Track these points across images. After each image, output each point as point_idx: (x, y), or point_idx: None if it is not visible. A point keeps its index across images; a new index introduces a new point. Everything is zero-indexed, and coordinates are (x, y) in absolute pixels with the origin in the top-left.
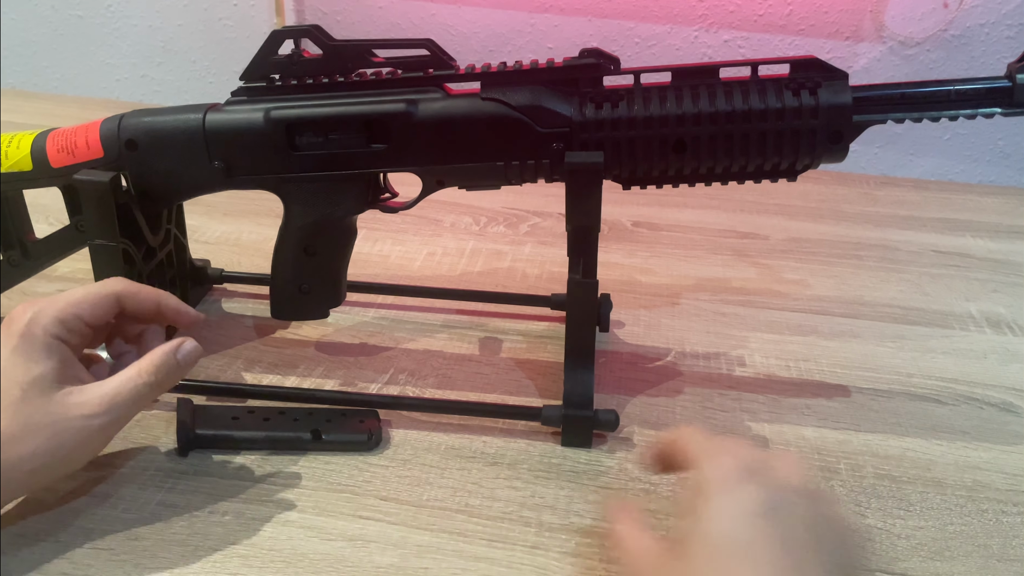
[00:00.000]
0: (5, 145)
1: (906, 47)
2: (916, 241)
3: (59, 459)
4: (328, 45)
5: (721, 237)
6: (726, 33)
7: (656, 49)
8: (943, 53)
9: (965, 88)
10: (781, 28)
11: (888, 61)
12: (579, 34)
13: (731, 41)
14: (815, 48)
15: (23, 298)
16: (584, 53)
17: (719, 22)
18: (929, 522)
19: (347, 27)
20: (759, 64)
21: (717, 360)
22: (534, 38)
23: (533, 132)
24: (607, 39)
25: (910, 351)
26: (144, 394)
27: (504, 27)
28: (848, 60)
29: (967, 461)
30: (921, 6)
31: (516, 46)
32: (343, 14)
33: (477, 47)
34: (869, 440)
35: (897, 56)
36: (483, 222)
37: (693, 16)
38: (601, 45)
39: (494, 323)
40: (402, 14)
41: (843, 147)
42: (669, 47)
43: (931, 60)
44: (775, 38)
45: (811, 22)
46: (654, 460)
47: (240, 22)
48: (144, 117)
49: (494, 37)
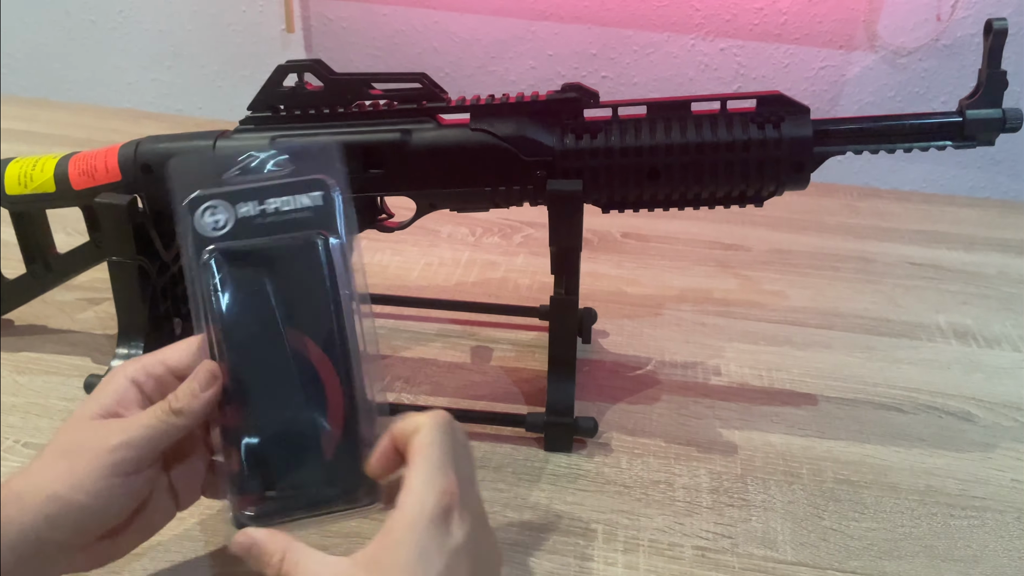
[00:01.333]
0: (30, 168)
1: (898, 56)
2: (893, 253)
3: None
4: (329, 78)
5: (707, 248)
6: (722, 42)
7: (654, 57)
8: (935, 62)
9: (919, 123)
10: (776, 37)
11: (881, 70)
12: (579, 41)
13: (727, 49)
14: (809, 56)
15: (45, 307)
16: (566, 88)
17: (715, 31)
18: (881, 524)
19: (352, 33)
20: (728, 99)
21: (694, 369)
22: (535, 45)
23: (518, 160)
24: (606, 46)
25: (878, 361)
26: (161, 426)
27: (505, 34)
28: (841, 68)
29: (922, 467)
30: (913, 16)
31: (517, 52)
32: (348, 21)
33: (479, 53)
34: (832, 446)
35: (889, 65)
36: (478, 233)
37: (690, 24)
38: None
39: (485, 332)
40: (405, 21)
41: (804, 176)
42: (667, 54)
43: (923, 69)
44: (770, 46)
45: (805, 31)
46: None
47: (248, 28)
48: (159, 143)
49: (496, 44)
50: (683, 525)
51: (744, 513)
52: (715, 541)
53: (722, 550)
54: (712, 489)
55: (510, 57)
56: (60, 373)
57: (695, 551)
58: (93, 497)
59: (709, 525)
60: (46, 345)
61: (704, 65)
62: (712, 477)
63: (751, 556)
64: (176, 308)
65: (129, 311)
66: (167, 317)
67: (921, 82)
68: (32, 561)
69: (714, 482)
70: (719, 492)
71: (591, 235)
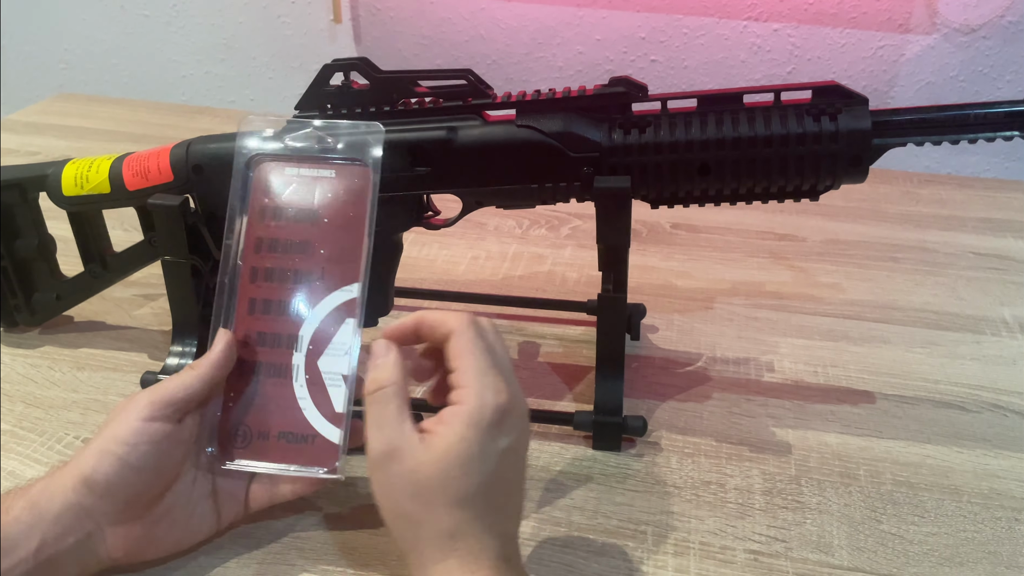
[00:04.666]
0: (85, 169)
1: (961, 34)
2: (955, 242)
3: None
4: (375, 77)
5: (759, 239)
6: (775, 23)
7: (704, 40)
8: (999, 41)
9: (985, 112)
10: (832, 17)
11: (942, 48)
12: (627, 25)
13: (780, 30)
14: (866, 36)
15: (103, 304)
16: (613, 81)
17: (768, 11)
18: (942, 528)
19: (399, 22)
20: (782, 90)
21: (747, 365)
22: (582, 30)
23: (565, 157)
24: (655, 30)
25: (939, 357)
26: (190, 383)
27: (552, 20)
28: (900, 48)
29: (985, 469)
30: None
31: (565, 38)
32: (395, 10)
33: (526, 40)
34: (890, 447)
35: (951, 43)
36: (525, 225)
37: (742, 6)
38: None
39: (533, 327)
40: (452, 8)
41: (863, 169)
42: (718, 37)
43: (987, 47)
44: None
45: (863, 10)
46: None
47: (298, 19)
48: (209, 144)
49: (543, 30)
50: (735, 528)
51: (798, 516)
52: (768, 545)
53: (775, 554)
54: (765, 491)
55: (557, 43)
56: (118, 369)
57: (748, 555)
58: (129, 446)
59: (762, 528)
60: (104, 341)
61: (757, 47)
62: (765, 478)
63: (805, 561)
64: None
65: (182, 309)
66: None
67: (985, 60)
68: (75, 530)
69: (767, 483)
70: (772, 494)
71: (640, 226)
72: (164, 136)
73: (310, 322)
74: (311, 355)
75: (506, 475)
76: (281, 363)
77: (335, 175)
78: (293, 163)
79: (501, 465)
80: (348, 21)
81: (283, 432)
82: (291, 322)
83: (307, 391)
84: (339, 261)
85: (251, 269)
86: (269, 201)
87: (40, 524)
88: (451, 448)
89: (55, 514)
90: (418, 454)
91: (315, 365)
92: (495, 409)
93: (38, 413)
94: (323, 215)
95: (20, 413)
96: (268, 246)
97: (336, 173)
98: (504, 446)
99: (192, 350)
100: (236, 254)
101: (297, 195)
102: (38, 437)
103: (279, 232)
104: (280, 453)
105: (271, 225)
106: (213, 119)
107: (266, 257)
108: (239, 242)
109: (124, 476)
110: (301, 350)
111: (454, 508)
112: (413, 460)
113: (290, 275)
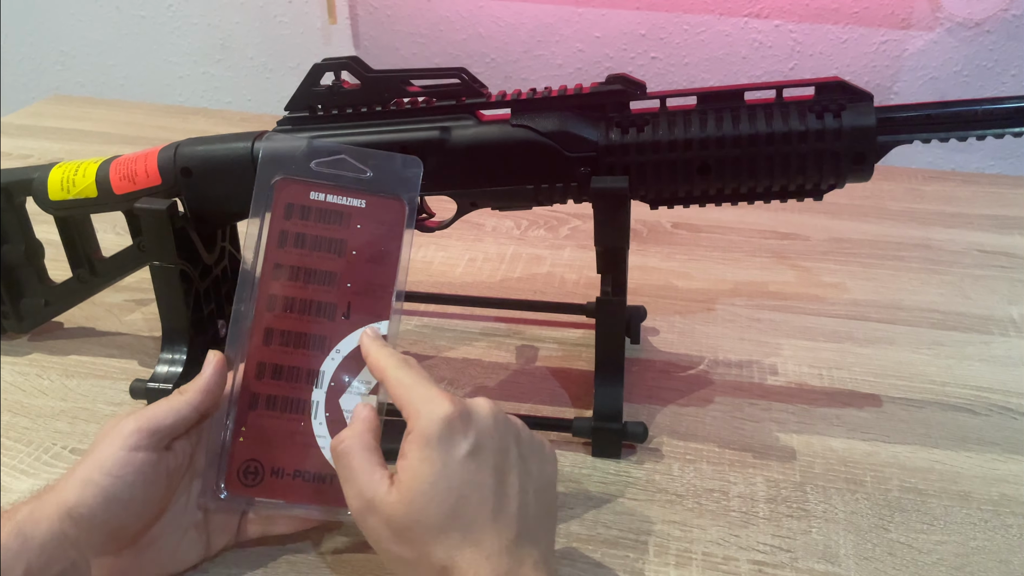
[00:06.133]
0: (72, 173)
1: (965, 28)
2: (961, 240)
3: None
4: (366, 76)
5: (761, 238)
6: (777, 19)
7: (705, 36)
8: (1003, 35)
9: (992, 108)
10: (833, 12)
11: (946, 43)
12: (627, 22)
13: (782, 25)
14: (868, 33)
15: (94, 309)
16: (611, 79)
17: (769, 7)
18: (951, 536)
19: (397, 21)
20: (784, 87)
21: (749, 368)
22: (581, 28)
23: (561, 157)
24: (655, 26)
25: (946, 358)
26: (178, 409)
27: (552, 17)
28: (903, 42)
29: (995, 474)
30: None
31: (564, 35)
32: (393, 9)
33: (525, 37)
34: (897, 452)
35: (955, 37)
36: (524, 226)
37: (743, 2)
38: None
39: (531, 331)
40: (451, 7)
41: (868, 168)
42: (719, 33)
43: (991, 41)
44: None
45: (864, 5)
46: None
47: (295, 19)
48: (198, 146)
49: (542, 27)
50: (738, 537)
51: (803, 524)
52: (773, 555)
53: (780, 564)
54: (769, 498)
55: (556, 40)
56: (108, 376)
57: (751, 565)
58: (114, 477)
59: (766, 537)
60: (94, 348)
61: (758, 43)
62: (769, 485)
63: (811, 571)
64: (220, 310)
65: (172, 316)
66: (211, 319)
67: (989, 55)
68: (59, 560)
69: (771, 490)
70: (776, 501)
71: (640, 226)
72: (158, 138)
73: (332, 358)
74: (332, 392)
75: (481, 481)
76: (299, 398)
77: (366, 205)
78: (320, 189)
79: (469, 473)
80: (346, 20)
81: (299, 470)
82: (312, 357)
83: (327, 429)
84: (367, 296)
85: (268, 297)
86: (291, 227)
87: (25, 553)
88: (415, 477)
89: (40, 543)
90: (389, 498)
91: (336, 403)
92: (440, 420)
93: (25, 422)
94: (351, 247)
95: (7, 422)
96: (289, 274)
97: (367, 203)
98: (465, 451)
99: (182, 357)
100: (253, 280)
101: (323, 223)
102: (25, 447)
103: (301, 260)
104: (295, 491)
105: (292, 252)
106: (208, 120)
107: (286, 285)
108: (256, 267)
109: (109, 508)
110: (322, 387)
111: (439, 538)
112: (386, 507)
113: (312, 307)
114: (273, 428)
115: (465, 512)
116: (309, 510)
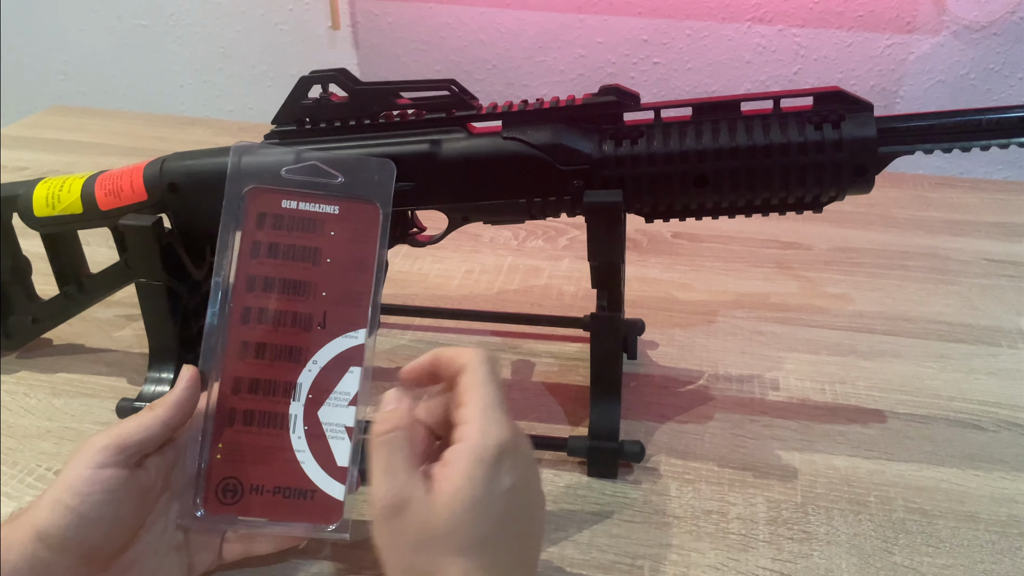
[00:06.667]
0: (57, 189)
1: (971, 31)
2: (968, 249)
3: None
4: (354, 89)
5: (763, 247)
6: (780, 24)
7: (708, 40)
8: (1010, 37)
9: (996, 118)
10: (838, 16)
11: (952, 46)
12: (629, 27)
13: (785, 30)
14: (872, 37)
15: (84, 325)
16: (604, 90)
17: (773, 12)
18: (958, 560)
19: (398, 28)
20: (781, 97)
21: (751, 383)
22: (583, 34)
23: (554, 170)
24: (658, 31)
25: (953, 372)
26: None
27: (553, 23)
28: (909, 46)
29: (1003, 494)
30: None
31: (566, 41)
32: (394, 16)
33: (526, 44)
34: (902, 471)
35: (961, 41)
36: (521, 236)
37: (746, 6)
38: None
39: (527, 345)
40: (451, 14)
41: (868, 179)
42: (722, 38)
43: (998, 44)
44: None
45: (869, 8)
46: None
47: (296, 26)
48: (184, 160)
49: (543, 34)
50: (738, 561)
51: (805, 547)
52: None
53: None
54: (770, 520)
55: (558, 47)
56: (96, 395)
57: None
58: (82, 496)
59: (766, 561)
60: (83, 365)
61: (761, 47)
62: (770, 506)
63: None
64: None
65: (159, 333)
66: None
67: (996, 58)
68: None
69: (772, 512)
70: (777, 523)
71: (639, 235)
72: (156, 149)
73: (309, 370)
74: (311, 405)
75: (517, 519)
76: (276, 412)
77: (339, 211)
78: (291, 197)
79: (507, 508)
80: (347, 27)
81: (279, 487)
82: (288, 369)
83: (306, 443)
84: (343, 304)
85: (243, 309)
86: (263, 236)
87: None
88: (459, 491)
89: (12, 566)
90: (427, 504)
91: (315, 416)
92: (498, 445)
93: (10, 443)
94: (326, 255)
95: None
96: (262, 285)
97: (340, 209)
98: (507, 486)
99: (170, 376)
100: (226, 292)
101: (296, 231)
102: (9, 469)
103: (275, 271)
104: (275, 509)
105: (266, 262)
106: (206, 130)
107: (260, 297)
108: (228, 279)
109: (79, 529)
110: (299, 399)
111: (463, 556)
112: (423, 511)
113: (287, 317)
114: (251, 444)
115: (497, 543)
116: (291, 527)
